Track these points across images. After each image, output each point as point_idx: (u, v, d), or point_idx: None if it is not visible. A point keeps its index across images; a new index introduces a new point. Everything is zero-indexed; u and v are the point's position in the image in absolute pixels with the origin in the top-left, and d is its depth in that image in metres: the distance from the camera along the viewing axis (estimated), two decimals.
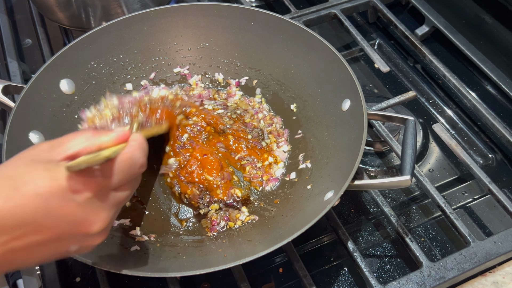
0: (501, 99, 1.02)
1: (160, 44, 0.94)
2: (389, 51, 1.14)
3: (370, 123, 0.88)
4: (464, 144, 0.96)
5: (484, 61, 1.02)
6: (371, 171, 0.92)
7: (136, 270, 0.61)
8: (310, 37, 0.86)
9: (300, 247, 0.81)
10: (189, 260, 0.71)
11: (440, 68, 1.00)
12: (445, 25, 1.08)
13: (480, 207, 0.87)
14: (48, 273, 0.75)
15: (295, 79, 0.90)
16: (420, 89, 1.06)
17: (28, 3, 1.23)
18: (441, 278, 0.70)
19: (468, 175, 0.91)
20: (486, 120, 0.93)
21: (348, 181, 0.67)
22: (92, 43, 0.88)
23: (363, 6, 1.14)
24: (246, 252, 0.65)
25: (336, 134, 0.80)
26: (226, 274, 0.72)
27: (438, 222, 0.85)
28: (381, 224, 0.85)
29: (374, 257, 0.81)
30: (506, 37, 1.01)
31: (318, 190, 0.75)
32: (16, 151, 0.53)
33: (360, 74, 1.11)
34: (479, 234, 0.83)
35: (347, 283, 0.79)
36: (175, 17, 0.93)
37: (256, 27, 0.91)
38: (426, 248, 0.81)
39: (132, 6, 1.05)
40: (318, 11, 1.10)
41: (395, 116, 0.78)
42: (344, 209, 0.87)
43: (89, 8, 1.02)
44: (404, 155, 0.72)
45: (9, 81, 0.84)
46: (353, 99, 0.78)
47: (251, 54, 0.94)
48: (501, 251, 0.72)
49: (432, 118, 1.01)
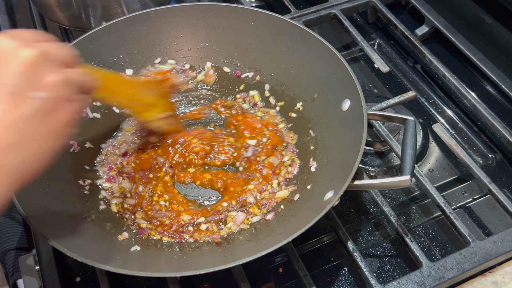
0: (501, 99, 1.02)
1: (160, 44, 0.94)
2: (389, 51, 1.14)
3: (370, 123, 0.88)
4: (464, 144, 0.96)
5: (484, 61, 1.02)
6: (371, 171, 0.92)
7: (136, 270, 0.61)
8: (310, 37, 0.86)
9: (300, 247, 0.81)
10: (189, 260, 0.71)
11: (440, 68, 1.00)
12: (445, 25, 1.08)
13: (480, 207, 0.87)
14: (48, 273, 0.75)
15: (295, 79, 0.90)
16: (420, 89, 1.06)
17: (28, 3, 1.23)
18: (441, 278, 0.70)
19: (468, 175, 0.91)
20: (486, 120, 0.93)
21: (348, 181, 0.67)
22: (92, 43, 0.88)
23: (363, 6, 1.14)
24: (246, 252, 0.66)
25: (336, 134, 0.80)
26: (226, 274, 0.72)
27: (438, 222, 0.85)
28: (381, 224, 0.85)
29: (374, 257, 0.81)
30: (506, 37, 1.01)
31: (318, 190, 0.75)
32: None
33: (360, 74, 1.11)
34: (479, 234, 0.83)
35: (347, 283, 0.79)
36: (175, 17, 0.93)
37: (256, 27, 0.91)
38: (426, 248, 0.81)
39: (132, 6, 1.05)
40: (318, 11, 1.10)
41: (395, 116, 0.79)
42: (344, 209, 0.87)
43: (89, 8, 1.02)
44: (404, 155, 0.72)
45: None
46: (353, 99, 0.78)
47: (251, 54, 0.94)
48: (500, 251, 0.73)
49: (432, 118, 1.01)
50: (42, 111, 0.51)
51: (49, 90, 0.51)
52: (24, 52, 0.50)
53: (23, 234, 0.90)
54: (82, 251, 0.63)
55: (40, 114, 0.50)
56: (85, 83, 0.58)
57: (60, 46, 0.55)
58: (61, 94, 0.53)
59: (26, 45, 0.51)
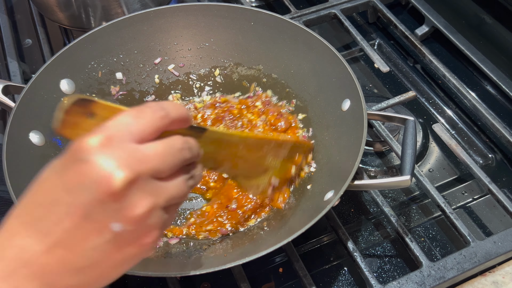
0: (501, 99, 1.02)
1: (160, 44, 0.94)
2: (389, 51, 1.14)
3: (370, 123, 0.88)
4: (464, 144, 0.96)
5: (484, 61, 1.02)
6: (371, 171, 0.92)
7: (136, 270, 0.61)
8: (310, 37, 0.86)
9: (300, 247, 0.81)
10: (189, 260, 0.71)
11: (440, 68, 1.00)
12: (445, 25, 1.08)
13: (480, 207, 0.87)
14: None
15: (295, 79, 0.90)
16: (420, 89, 1.06)
17: (28, 3, 1.23)
18: (441, 278, 0.70)
19: (468, 175, 0.91)
20: (486, 120, 0.93)
21: (348, 181, 0.67)
22: (92, 43, 0.88)
23: (363, 6, 1.14)
24: (246, 252, 0.65)
25: (336, 134, 0.80)
26: (226, 274, 0.72)
27: (438, 222, 0.85)
28: (381, 224, 0.85)
29: (374, 257, 0.81)
30: (506, 37, 1.01)
31: (318, 190, 0.75)
32: (16, 151, 0.52)
33: (360, 74, 1.11)
34: (479, 234, 0.83)
35: (347, 283, 0.79)
36: (175, 17, 0.93)
37: (256, 27, 0.91)
38: (426, 248, 0.81)
39: (132, 6, 1.05)
40: (318, 11, 1.10)
41: (395, 116, 0.78)
42: (344, 209, 0.87)
43: (89, 8, 1.02)
44: (404, 155, 0.72)
45: (9, 81, 0.85)
46: (353, 99, 0.78)
47: (251, 54, 0.94)
48: (501, 251, 0.73)
49: (432, 118, 1.01)
50: (117, 242, 0.42)
51: (134, 224, 0.42)
52: (113, 176, 0.40)
53: None
54: None
55: (114, 244, 0.42)
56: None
57: (170, 150, 0.44)
58: (149, 224, 0.43)
59: (121, 162, 0.40)
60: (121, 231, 0.42)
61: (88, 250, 0.42)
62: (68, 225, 0.41)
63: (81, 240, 0.41)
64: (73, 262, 0.42)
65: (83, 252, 0.42)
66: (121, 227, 0.41)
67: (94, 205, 0.40)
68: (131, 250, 0.44)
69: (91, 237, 0.41)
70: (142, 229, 0.43)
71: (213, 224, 0.76)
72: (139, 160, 0.41)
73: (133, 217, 0.42)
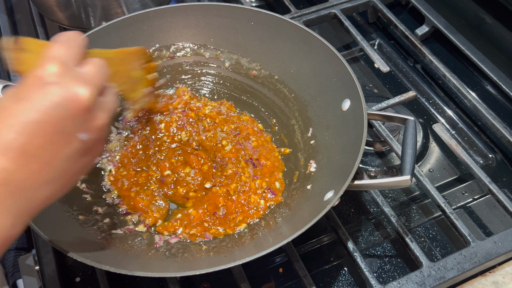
0: (501, 99, 1.02)
1: (160, 44, 0.94)
2: (389, 51, 1.14)
3: (370, 123, 0.88)
4: (464, 144, 0.96)
5: (484, 61, 1.02)
6: (371, 171, 0.92)
7: (136, 270, 0.61)
8: (310, 37, 0.86)
9: (300, 247, 0.81)
10: (189, 260, 0.71)
11: (440, 68, 1.00)
12: (445, 25, 1.08)
13: (480, 207, 0.87)
14: (48, 273, 0.75)
15: (295, 79, 0.90)
16: (420, 89, 1.06)
17: (28, 3, 1.23)
18: (441, 278, 0.70)
19: (468, 175, 0.91)
20: (486, 120, 0.93)
21: (348, 181, 0.67)
22: (92, 43, 0.86)
23: (363, 6, 1.14)
24: (246, 252, 0.65)
25: (336, 134, 0.80)
26: (226, 274, 0.72)
27: (438, 222, 0.85)
28: (381, 224, 0.85)
29: (374, 257, 0.81)
30: (506, 37, 1.01)
31: (318, 190, 0.75)
32: None
33: (360, 74, 1.11)
34: (479, 234, 0.83)
35: (347, 283, 0.79)
36: (175, 17, 0.93)
37: (256, 27, 0.91)
38: (426, 248, 0.81)
39: (132, 6, 1.05)
40: (318, 11, 1.10)
41: (395, 116, 0.78)
42: (344, 209, 0.87)
43: (89, 8, 1.02)
44: (404, 155, 0.72)
45: (9, 81, 0.84)
46: (353, 99, 0.78)
47: (251, 54, 0.94)
48: (501, 251, 0.73)
49: (432, 118, 1.01)
50: (82, 150, 0.51)
51: (95, 133, 0.51)
52: (81, 94, 0.48)
53: (22, 234, 0.90)
54: (81, 251, 0.63)
55: (79, 153, 0.51)
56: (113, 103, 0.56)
57: (101, 70, 0.53)
58: (103, 135, 0.53)
59: (81, 83, 0.49)
60: (86, 140, 0.50)
61: (60, 160, 0.49)
62: (42, 141, 0.46)
63: (54, 153, 0.48)
64: (47, 174, 0.48)
65: (55, 163, 0.48)
66: (87, 136, 0.50)
67: (67, 119, 0.48)
68: (88, 157, 0.53)
69: (63, 148, 0.48)
70: (98, 137, 0.52)
71: (197, 229, 0.76)
72: (89, 80, 0.50)
73: (97, 127, 0.51)
